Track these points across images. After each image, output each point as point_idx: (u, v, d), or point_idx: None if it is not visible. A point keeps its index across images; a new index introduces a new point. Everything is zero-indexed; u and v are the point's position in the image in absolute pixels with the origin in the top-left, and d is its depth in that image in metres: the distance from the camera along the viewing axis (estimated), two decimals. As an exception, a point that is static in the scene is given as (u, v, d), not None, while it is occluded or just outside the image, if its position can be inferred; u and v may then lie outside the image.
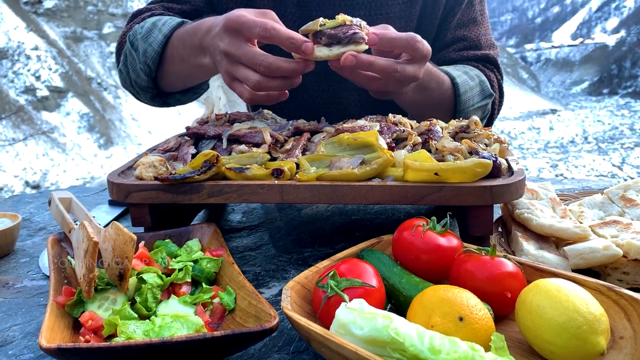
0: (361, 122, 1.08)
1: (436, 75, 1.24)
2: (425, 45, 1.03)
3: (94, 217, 0.91)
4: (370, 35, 0.99)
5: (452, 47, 1.45)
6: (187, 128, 1.17)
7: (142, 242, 0.87)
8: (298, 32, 0.99)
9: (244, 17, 0.97)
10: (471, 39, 1.44)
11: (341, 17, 0.98)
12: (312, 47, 0.96)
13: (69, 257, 0.88)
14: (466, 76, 1.32)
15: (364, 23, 1.01)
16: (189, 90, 1.37)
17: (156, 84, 1.31)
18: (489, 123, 1.49)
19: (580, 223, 0.95)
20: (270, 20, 0.99)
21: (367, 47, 1.00)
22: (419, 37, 1.01)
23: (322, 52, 0.98)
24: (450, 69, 1.32)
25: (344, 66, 0.98)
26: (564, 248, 0.83)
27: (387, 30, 1.04)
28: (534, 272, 0.74)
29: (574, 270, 0.80)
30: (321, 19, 0.99)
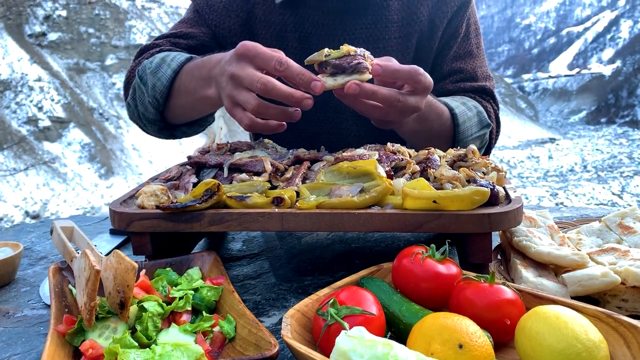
0: (360, 150, 1.10)
1: (436, 106, 1.26)
2: (427, 78, 1.05)
3: (95, 245, 0.92)
4: (374, 66, 1.02)
5: (449, 79, 1.48)
6: (189, 157, 1.19)
7: (143, 271, 0.88)
8: (304, 63, 1.01)
9: (260, 47, 1.00)
10: (467, 71, 1.48)
11: (345, 48, 1.01)
12: (322, 85, 0.98)
13: (70, 286, 0.89)
14: (464, 107, 1.35)
15: (367, 53, 1.03)
16: (195, 123, 1.40)
17: (163, 116, 1.34)
18: (486, 152, 1.51)
19: (579, 250, 0.95)
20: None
21: (370, 76, 1.02)
22: (421, 69, 1.04)
23: (327, 82, 1.00)
24: (448, 99, 1.34)
25: (348, 94, 0.99)
26: (563, 275, 0.84)
27: (391, 62, 1.06)
28: (532, 299, 0.74)
29: (573, 298, 0.80)
30: (326, 49, 1.02)
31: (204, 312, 0.84)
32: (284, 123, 1.09)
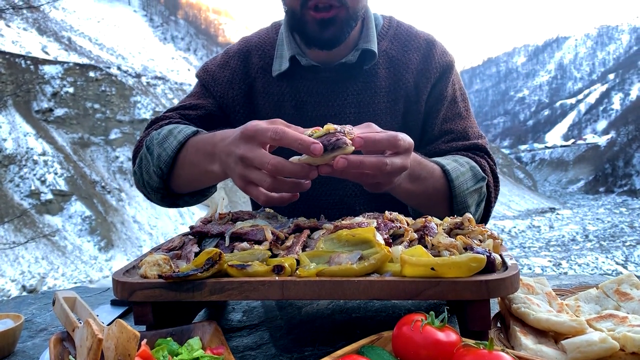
0: (359, 219, 1.12)
1: (426, 164, 1.31)
2: (407, 140, 1.10)
3: (97, 316, 0.92)
4: (355, 139, 1.06)
5: (441, 140, 1.55)
6: (191, 227, 1.21)
7: (145, 340, 0.88)
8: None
9: (258, 125, 1.07)
10: (458, 131, 1.55)
11: (326, 127, 1.06)
12: (321, 147, 1.02)
13: (70, 357, 0.89)
14: (456, 163, 1.40)
15: (348, 128, 1.07)
16: (198, 193, 1.46)
17: (167, 185, 1.39)
18: (486, 208, 1.51)
19: (577, 317, 0.96)
20: (280, 125, 1.07)
21: (352, 149, 1.05)
22: (400, 135, 1.08)
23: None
24: (439, 159, 1.40)
25: (337, 169, 1.03)
26: (562, 342, 0.84)
27: (370, 129, 1.12)
28: (532, 366, 0.74)
29: (573, 365, 0.80)
30: (310, 129, 1.07)
31: (204, 383, 0.83)
32: (297, 194, 1.15)
